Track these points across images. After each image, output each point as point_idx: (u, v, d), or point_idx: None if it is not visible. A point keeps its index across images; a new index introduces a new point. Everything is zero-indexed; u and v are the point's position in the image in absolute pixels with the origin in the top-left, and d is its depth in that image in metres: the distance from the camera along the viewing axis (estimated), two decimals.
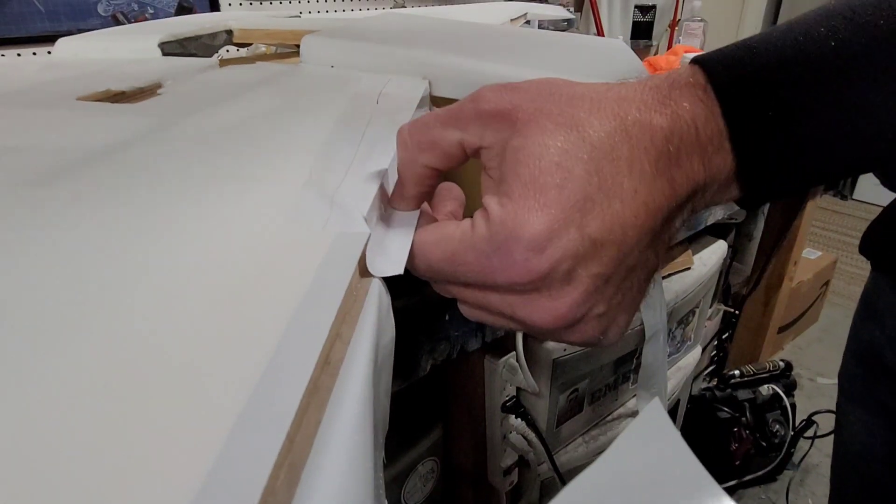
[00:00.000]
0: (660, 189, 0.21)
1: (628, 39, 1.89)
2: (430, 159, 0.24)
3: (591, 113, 0.21)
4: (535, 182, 0.21)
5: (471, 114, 0.22)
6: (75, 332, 0.17)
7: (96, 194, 0.24)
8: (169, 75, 0.43)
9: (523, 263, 0.21)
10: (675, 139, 0.21)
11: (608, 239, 0.21)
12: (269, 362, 0.15)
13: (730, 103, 0.21)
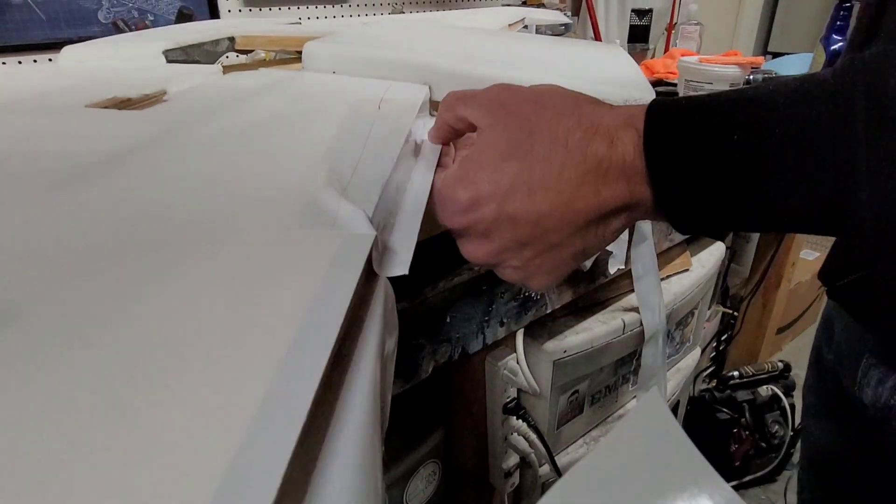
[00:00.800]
0: (584, 195, 0.27)
1: (625, 43, 1.90)
2: (449, 118, 0.31)
3: (550, 124, 0.27)
4: (482, 160, 0.28)
5: (484, 100, 0.29)
6: (101, 323, 0.17)
7: (112, 197, 0.24)
8: (174, 82, 0.44)
9: (451, 215, 0.29)
10: (606, 163, 0.26)
11: (523, 219, 0.27)
12: (284, 359, 0.16)
13: (652, 150, 0.26)
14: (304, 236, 0.23)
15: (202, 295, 0.19)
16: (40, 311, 0.18)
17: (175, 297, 0.19)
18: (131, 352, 0.17)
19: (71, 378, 0.16)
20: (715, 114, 0.25)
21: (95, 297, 0.19)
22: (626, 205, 0.27)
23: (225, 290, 0.19)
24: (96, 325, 0.18)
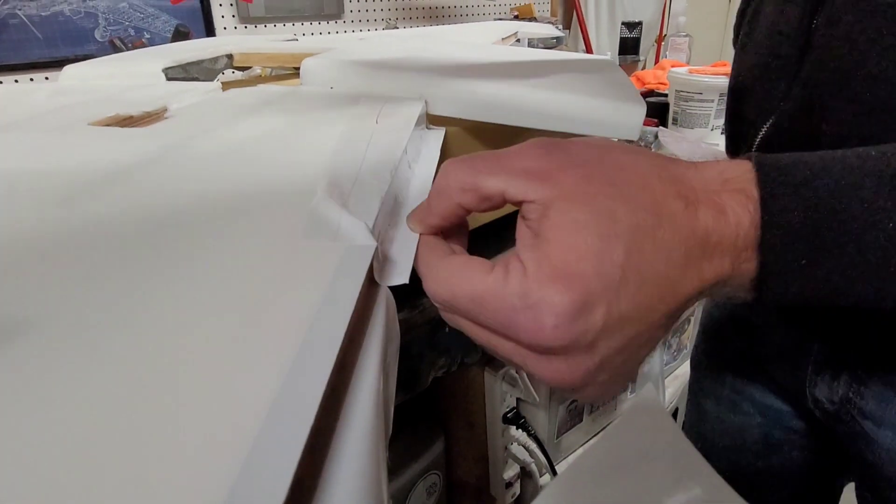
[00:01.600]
0: (689, 278, 0.22)
1: (616, 55, 1.93)
2: (468, 201, 0.24)
3: (639, 193, 0.22)
4: (576, 251, 0.21)
5: (518, 169, 0.23)
6: (110, 339, 0.18)
7: (117, 213, 0.25)
8: (174, 99, 0.45)
9: (552, 329, 0.21)
10: (714, 236, 0.22)
11: (634, 317, 0.22)
12: (291, 365, 0.17)
13: (772, 230, 0.23)
14: (307, 247, 0.23)
15: (209, 305, 0.20)
16: (53, 321, 0.18)
17: (182, 307, 0.20)
18: (140, 361, 0.17)
19: (83, 384, 0.16)
20: (847, 190, 0.22)
21: (106, 307, 0.19)
22: (719, 281, 0.23)
23: (231, 299, 0.20)
24: (107, 334, 0.18)
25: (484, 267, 0.23)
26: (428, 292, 0.25)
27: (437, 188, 0.25)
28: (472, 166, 0.24)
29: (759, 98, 0.41)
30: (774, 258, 0.23)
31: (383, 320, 0.22)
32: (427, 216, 0.26)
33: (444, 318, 0.26)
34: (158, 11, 1.56)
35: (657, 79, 1.48)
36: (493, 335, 0.23)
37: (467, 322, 0.24)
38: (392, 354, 0.23)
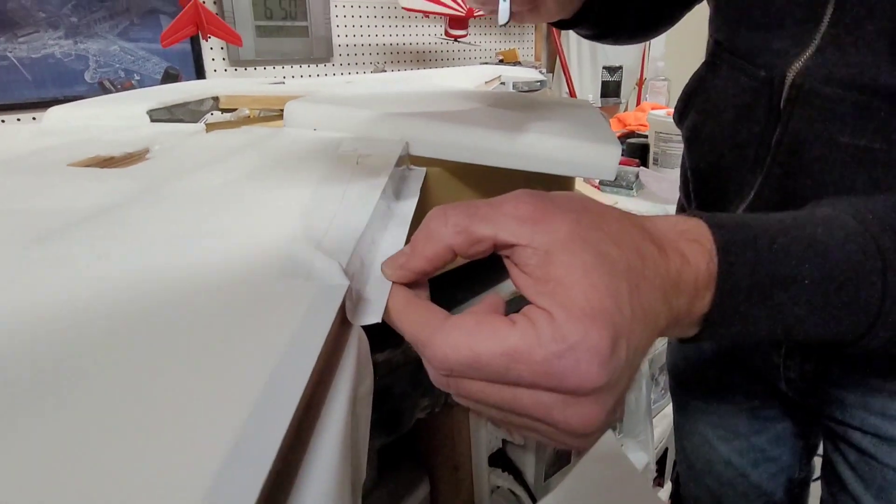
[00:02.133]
0: (664, 314, 0.25)
1: (598, 98, 1.98)
2: (460, 243, 0.25)
3: (623, 237, 0.24)
4: (597, 290, 0.22)
5: (510, 214, 0.24)
6: (73, 384, 0.17)
7: (89, 253, 0.25)
8: (157, 140, 0.45)
9: (598, 368, 0.21)
10: (681, 277, 0.25)
11: (640, 350, 0.23)
12: (254, 405, 0.16)
13: (725, 280, 0.26)
14: (279, 287, 0.23)
15: (177, 341, 0.20)
16: (20, 362, 0.18)
17: (150, 344, 0.19)
18: (103, 398, 0.17)
19: (45, 426, 0.16)
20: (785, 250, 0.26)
21: (71, 351, 0.19)
22: (680, 318, 0.26)
23: (200, 337, 0.20)
24: (72, 375, 0.18)
25: (503, 321, 0.23)
26: (434, 359, 0.23)
27: (429, 231, 0.25)
28: (465, 210, 0.25)
29: (727, 185, 0.45)
30: (721, 303, 0.26)
31: (354, 360, 0.22)
32: (411, 261, 0.26)
33: (441, 384, 0.25)
34: (149, 54, 1.58)
35: (638, 120, 1.53)
36: (520, 391, 0.23)
37: (485, 385, 0.23)
38: (364, 395, 0.22)
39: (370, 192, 0.34)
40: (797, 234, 0.27)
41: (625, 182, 1.07)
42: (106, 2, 1.46)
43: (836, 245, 0.26)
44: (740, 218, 0.28)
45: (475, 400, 0.24)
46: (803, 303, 0.26)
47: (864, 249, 0.26)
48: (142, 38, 1.56)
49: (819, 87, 0.36)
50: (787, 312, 0.26)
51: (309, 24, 1.84)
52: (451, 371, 0.23)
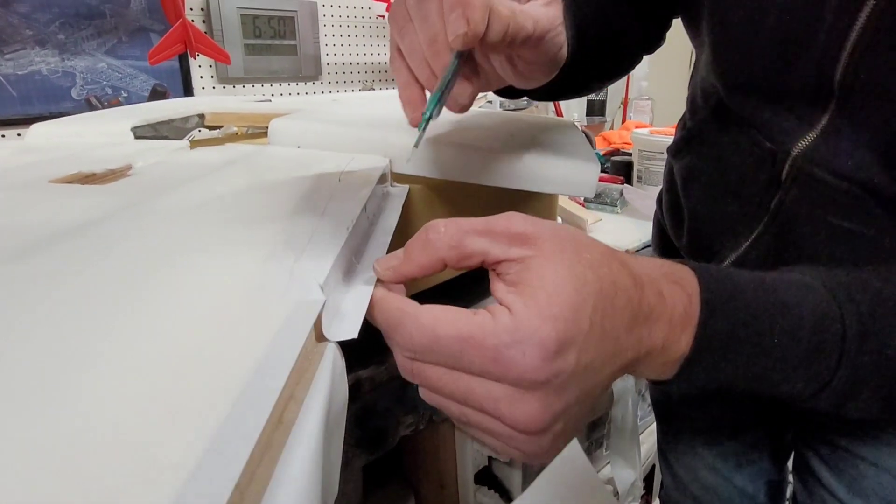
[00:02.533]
0: (631, 343, 0.26)
1: (584, 117, 2.01)
2: (452, 257, 0.26)
3: (601, 266, 0.26)
4: (558, 298, 0.24)
5: (503, 231, 0.26)
6: (47, 397, 0.17)
7: (66, 269, 0.25)
8: (140, 157, 0.45)
9: (540, 361, 0.23)
10: (654, 312, 0.27)
11: (592, 368, 0.25)
12: (224, 419, 0.17)
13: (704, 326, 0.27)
14: (255, 302, 0.24)
15: (151, 356, 0.20)
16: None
17: (123, 360, 0.19)
18: (80, 410, 0.17)
19: (26, 436, 0.16)
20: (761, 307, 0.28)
21: (47, 368, 0.19)
22: (652, 353, 0.27)
23: (173, 352, 0.20)
24: (44, 388, 0.18)
25: (466, 311, 0.25)
26: (401, 339, 0.25)
27: (425, 240, 0.27)
28: (460, 226, 0.26)
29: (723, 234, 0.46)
30: (700, 347, 0.27)
31: (329, 376, 0.22)
32: (404, 265, 0.27)
33: (407, 370, 0.26)
34: (137, 71, 1.59)
35: (622, 139, 1.55)
36: (471, 378, 0.24)
37: (440, 369, 0.25)
38: (337, 411, 0.22)
39: (351, 209, 0.34)
40: (772, 293, 0.29)
41: (609, 199, 1.08)
42: (94, 20, 1.47)
43: (806, 309, 0.28)
44: (724, 271, 0.30)
45: (434, 388, 0.26)
46: (770, 357, 0.28)
47: (829, 315, 0.28)
48: (130, 55, 1.57)
49: (818, 171, 0.38)
50: (754, 364, 0.28)
51: (298, 42, 1.85)
52: (415, 352, 0.25)
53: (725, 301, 0.28)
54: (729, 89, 0.44)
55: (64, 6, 1.41)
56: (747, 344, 0.28)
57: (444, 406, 0.26)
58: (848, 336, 0.28)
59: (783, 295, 0.29)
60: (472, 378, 0.24)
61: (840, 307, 0.29)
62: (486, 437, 0.26)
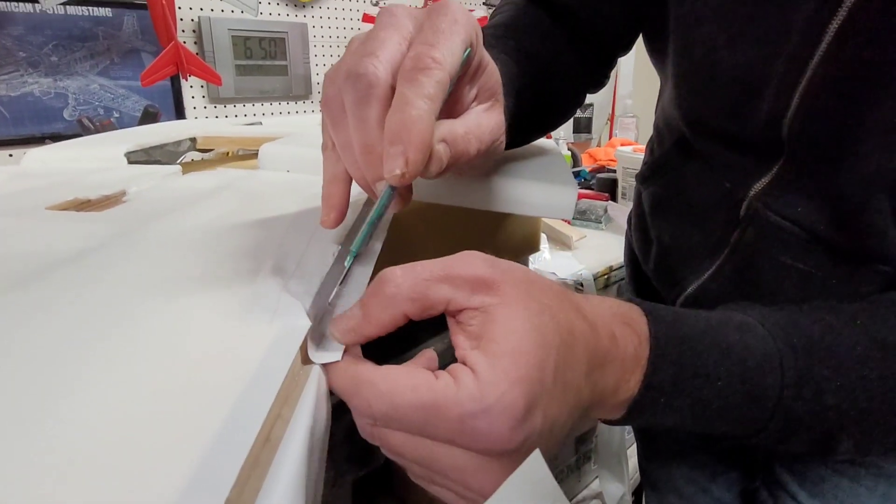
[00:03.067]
0: (588, 389, 0.26)
1: (570, 134, 2.05)
2: (413, 310, 0.25)
3: (560, 313, 0.26)
4: (523, 357, 0.23)
5: (464, 279, 0.25)
6: (43, 417, 0.19)
7: (64, 297, 0.26)
8: (134, 182, 0.47)
9: (509, 431, 0.22)
10: (609, 356, 0.27)
11: (556, 422, 0.24)
12: (215, 438, 0.18)
13: (652, 371, 0.29)
14: (244, 327, 0.25)
15: (143, 378, 0.21)
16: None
17: (116, 383, 0.21)
18: (74, 431, 0.18)
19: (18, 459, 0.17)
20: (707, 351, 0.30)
21: (49, 390, 0.20)
22: (605, 396, 0.28)
23: (164, 374, 0.21)
24: (46, 410, 0.19)
25: (427, 375, 0.23)
26: (360, 408, 0.24)
27: (383, 297, 0.25)
28: (417, 274, 0.25)
29: (687, 262, 0.49)
30: (647, 390, 0.28)
31: (314, 397, 0.23)
32: (364, 326, 0.25)
33: (367, 434, 0.26)
34: (129, 92, 1.60)
35: (608, 156, 1.58)
36: (435, 445, 0.24)
37: (404, 436, 0.24)
38: (321, 430, 0.24)
39: (337, 234, 0.36)
40: (717, 337, 0.30)
41: (594, 216, 1.11)
42: (87, 42, 1.49)
43: (748, 355, 0.30)
44: (673, 314, 0.31)
45: (397, 453, 0.25)
46: (714, 399, 0.29)
47: (769, 362, 0.30)
48: (122, 75, 1.58)
49: (770, 215, 0.40)
50: (697, 407, 0.29)
51: (288, 62, 1.88)
52: (375, 420, 0.24)
53: (673, 346, 0.29)
54: (690, 127, 0.46)
55: (57, 29, 1.42)
56: (692, 389, 0.29)
57: (407, 467, 0.26)
58: (785, 383, 0.30)
59: (728, 338, 0.30)
60: (437, 445, 0.24)
61: (780, 353, 0.30)
62: (451, 497, 0.26)
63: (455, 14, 0.27)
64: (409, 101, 0.25)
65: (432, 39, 0.26)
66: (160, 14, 1.29)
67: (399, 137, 0.24)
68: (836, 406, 0.30)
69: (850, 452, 0.32)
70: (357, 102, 0.26)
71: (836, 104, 0.33)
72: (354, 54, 0.27)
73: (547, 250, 0.97)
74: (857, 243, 0.37)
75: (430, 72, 0.25)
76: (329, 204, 0.30)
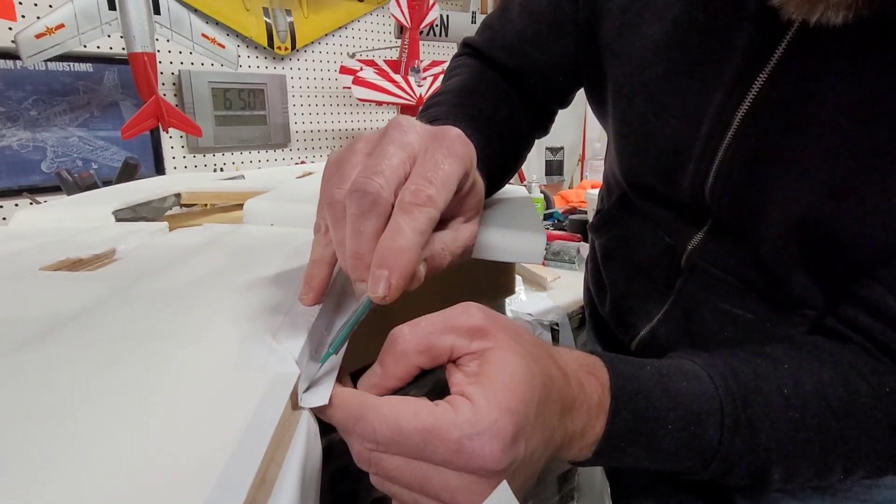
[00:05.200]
0: (560, 430, 0.30)
1: (542, 176, 2.12)
2: (423, 361, 0.29)
3: (541, 359, 0.30)
4: (514, 392, 0.26)
5: (465, 326, 0.29)
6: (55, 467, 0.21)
7: (67, 356, 0.28)
8: (122, 240, 0.49)
9: (500, 452, 0.25)
10: (577, 402, 0.31)
11: (535, 453, 0.28)
12: (215, 481, 0.20)
13: (612, 422, 0.32)
14: (237, 377, 0.27)
15: (147, 426, 0.23)
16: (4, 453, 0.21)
17: (122, 434, 0.23)
18: (92, 471, 0.20)
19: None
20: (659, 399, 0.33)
21: (51, 440, 0.22)
22: (574, 439, 0.31)
23: (164, 423, 0.23)
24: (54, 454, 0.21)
25: (427, 402, 0.27)
26: (363, 431, 0.27)
27: (395, 354, 0.29)
28: (423, 329, 0.28)
29: (638, 307, 0.54)
30: (608, 438, 0.32)
31: (304, 440, 0.25)
32: (384, 381, 0.29)
33: (364, 460, 0.28)
34: (108, 143, 1.63)
35: (579, 197, 1.64)
36: (429, 467, 0.26)
37: (399, 459, 0.27)
38: (312, 470, 0.26)
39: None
40: (668, 385, 0.34)
41: (567, 256, 1.15)
42: (68, 96, 1.52)
43: (694, 400, 0.34)
44: (631, 364, 0.35)
45: (391, 477, 0.27)
46: (665, 439, 0.33)
47: (712, 406, 0.34)
48: (101, 128, 1.61)
49: (707, 266, 0.45)
50: (653, 448, 0.33)
51: (267, 112, 1.93)
52: (377, 444, 0.27)
53: (630, 395, 0.33)
54: (630, 185, 0.51)
55: (38, 83, 1.45)
56: (646, 432, 0.33)
57: (396, 494, 0.28)
58: (725, 424, 0.34)
59: (677, 386, 0.35)
60: (430, 467, 0.26)
61: (720, 398, 0.34)
62: None
63: (455, 147, 0.31)
64: (401, 231, 0.28)
65: (431, 175, 0.29)
66: (142, 69, 1.33)
67: (386, 263, 0.27)
68: (767, 443, 0.34)
69: (780, 482, 0.36)
70: (358, 216, 0.28)
71: (746, 178, 0.39)
72: (365, 167, 0.30)
73: (523, 292, 1.00)
74: (782, 292, 0.42)
75: (424, 208, 0.28)
76: (310, 285, 0.32)
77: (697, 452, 0.34)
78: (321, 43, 2.10)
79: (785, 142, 0.37)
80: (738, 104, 0.38)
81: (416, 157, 0.30)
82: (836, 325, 0.38)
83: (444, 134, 0.31)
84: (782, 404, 0.35)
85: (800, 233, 0.38)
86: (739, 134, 0.38)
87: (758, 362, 0.37)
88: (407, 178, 0.30)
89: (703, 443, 0.34)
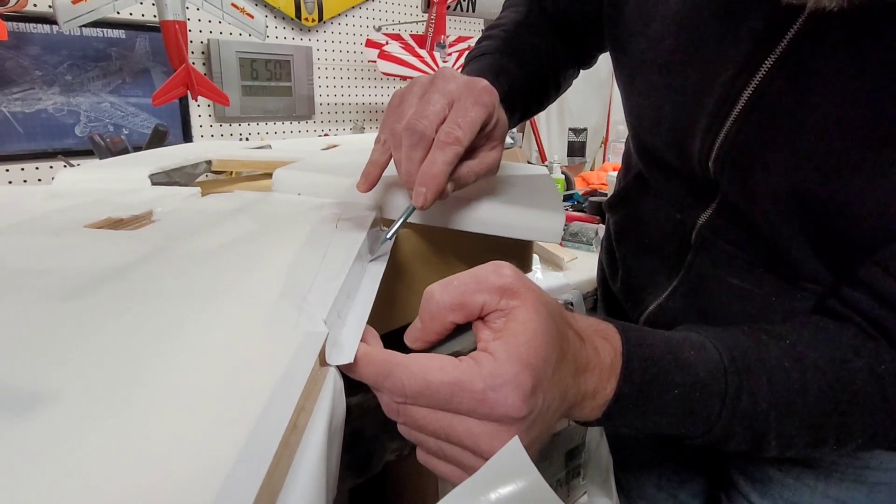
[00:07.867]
0: (574, 389, 0.32)
1: (564, 157, 2.11)
2: (458, 317, 0.31)
3: (560, 322, 0.32)
4: (534, 349, 0.29)
5: (495, 284, 0.31)
6: (106, 410, 0.23)
7: (113, 306, 0.31)
8: (159, 203, 0.51)
9: (521, 401, 0.28)
10: (590, 364, 0.33)
11: (551, 408, 0.30)
12: (254, 426, 0.22)
13: (624, 382, 0.34)
14: (271, 334, 0.29)
15: (191, 375, 0.25)
16: (66, 398, 0.23)
17: (167, 376, 0.25)
18: (134, 417, 0.22)
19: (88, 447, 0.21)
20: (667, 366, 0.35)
21: (107, 379, 0.24)
22: (586, 398, 0.33)
23: (207, 376, 0.26)
24: (109, 403, 0.23)
25: (451, 359, 0.29)
26: (392, 386, 0.29)
27: (431, 312, 0.32)
28: (455, 288, 0.31)
29: (648, 282, 0.56)
30: (620, 396, 0.34)
31: (331, 393, 0.28)
32: (424, 335, 0.33)
33: (392, 411, 0.31)
34: (138, 110, 1.66)
35: (600, 180, 1.64)
36: (453, 417, 0.29)
37: (425, 410, 0.29)
38: (337, 421, 0.28)
39: (347, 253, 0.40)
40: (676, 353, 0.36)
41: (585, 238, 1.15)
42: (101, 62, 1.54)
43: (700, 368, 0.36)
44: (642, 332, 0.37)
45: (418, 426, 0.30)
46: (670, 405, 0.35)
47: (716, 375, 0.36)
48: (132, 94, 1.64)
49: (717, 241, 0.47)
50: (659, 411, 0.35)
51: (293, 84, 1.94)
52: (406, 397, 0.29)
53: (640, 362, 0.35)
54: (644, 160, 0.52)
55: (72, 49, 1.48)
56: (654, 395, 0.35)
57: (422, 441, 0.31)
58: (728, 392, 0.36)
59: (685, 354, 0.36)
60: (455, 417, 0.29)
61: (724, 367, 0.36)
62: (456, 471, 0.30)
63: (482, 97, 0.41)
64: (435, 161, 0.39)
65: (461, 121, 0.40)
66: (173, 37, 1.35)
67: (424, 182, 0.39)
68: (767, 411, 0.36)
69: (776, 450, 0.37)
70: (410, 146, 0.40)
71: (745, 154, 0.41)
72: (416, 110, 0.40)
73: (539, 271, 1.01)
74: (787, 267, 0.43)
75: (453, 146, 0.39)
76: (367, 178, 0.43)
77: (701, 417, 0.36)
78: (348, 15, 2.09)
79: (785, 122, 0.38)
80: (746, 84, 0.39)
81: (454, 101, 0.40)
82: (836, 305, 0.40)
83: (475, 85, 0.41)
84: (783, 376, 0.36)
85: (798, 208, 0.39)
86: (745, 111, 0.40)
87: (761, 337, 0.38)
88: (445, 119, 0.40)
89: (707, 408, 0.35)
